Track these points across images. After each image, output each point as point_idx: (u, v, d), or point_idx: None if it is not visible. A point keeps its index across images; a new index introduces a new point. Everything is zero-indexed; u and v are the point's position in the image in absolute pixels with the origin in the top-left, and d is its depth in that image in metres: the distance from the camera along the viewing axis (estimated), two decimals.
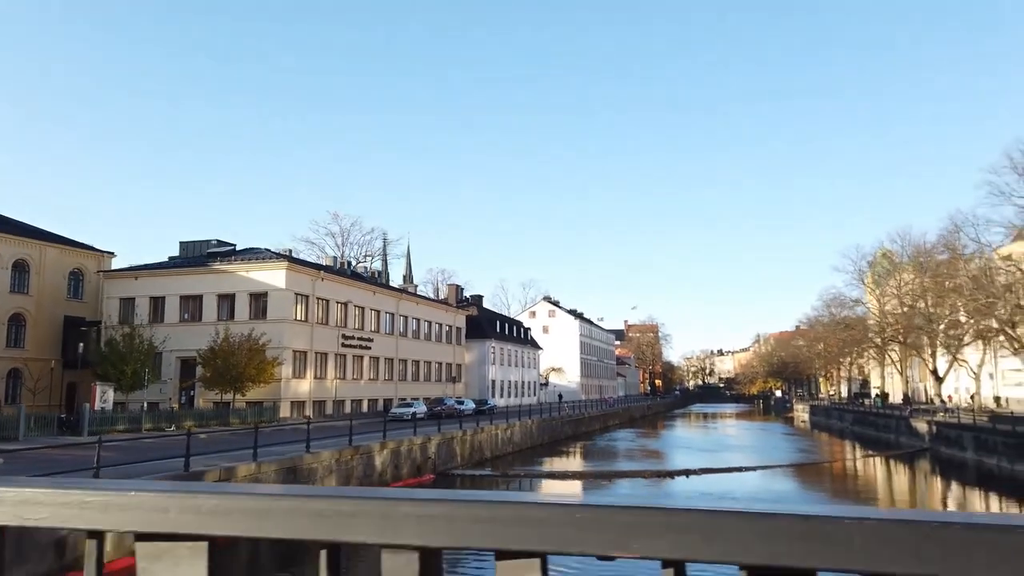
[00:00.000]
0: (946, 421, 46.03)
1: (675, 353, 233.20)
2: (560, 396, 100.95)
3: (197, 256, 51.20)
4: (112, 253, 54.62)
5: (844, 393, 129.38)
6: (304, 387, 47.81)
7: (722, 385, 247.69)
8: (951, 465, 40.98)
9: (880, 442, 56.30)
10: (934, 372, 59.11)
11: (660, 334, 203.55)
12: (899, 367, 68.36)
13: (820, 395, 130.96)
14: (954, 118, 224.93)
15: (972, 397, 54.74)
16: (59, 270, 49.29)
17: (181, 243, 53.64)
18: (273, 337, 43.90)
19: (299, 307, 47.83)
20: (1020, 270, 42.06)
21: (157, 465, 17.99)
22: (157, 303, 48.60)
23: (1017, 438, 34.15)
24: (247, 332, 42.63)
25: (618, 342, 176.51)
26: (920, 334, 60.44)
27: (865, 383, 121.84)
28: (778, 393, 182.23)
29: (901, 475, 39.09)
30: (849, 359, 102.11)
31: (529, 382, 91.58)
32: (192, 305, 48.21)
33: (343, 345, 52.01)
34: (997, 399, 55.80)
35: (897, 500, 31.63)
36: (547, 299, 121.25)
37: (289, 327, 46.29)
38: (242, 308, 46.90)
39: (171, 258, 53.98)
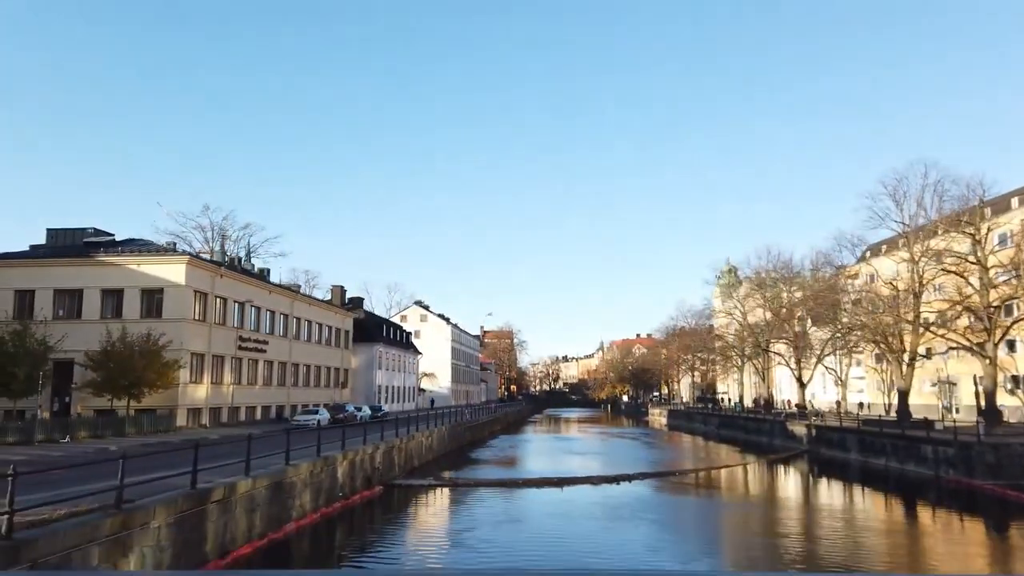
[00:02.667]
0: (827, 425, 50.42)
1: (527, 359, 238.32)
2: (432, 402, 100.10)
3: (72, 246, 45.46)
4: None
5: (686, 397, 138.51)
6: (201, 393, 43.85)
7: (567, 390, 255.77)
8: (834, 465, 44.77)
9: (753, 444, 60.39)
10: (799, 379, 64.65)
11: (516, 340, 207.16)
12: (763, 375, 74.07)
13: (674, 400, 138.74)
14: (813, 145, 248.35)
15: (838, 403, 60.47)
16: None
17: (49, 230, 47.39)
18: (172, 338, 39.97)
19: (198, 306, 43.87)
20: (894, 288, 46.98)
21: (163, 484, 15.70)
22: (24, 297, 42.57)
23: (907, 440, 38.10)
24: (144, 332, 38.54)
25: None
26: (788, 344, 65.93)
27: (708, 388, 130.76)
28: (624, 398, 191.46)
29: (805, 478, 41.82)
30: (706, 366, 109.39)
31: (409, 388, 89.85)
32: (69, 300, 42.70)
33: (240, 348, 48.32)
34: (861, 404, 61.86)
35: (822, 504, 34.09)
36: (418, 303, 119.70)
37: (188, 327, 42.29)
38: (132, 305, 42.16)
39: (33, 247, 47.65)
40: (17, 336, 32.29)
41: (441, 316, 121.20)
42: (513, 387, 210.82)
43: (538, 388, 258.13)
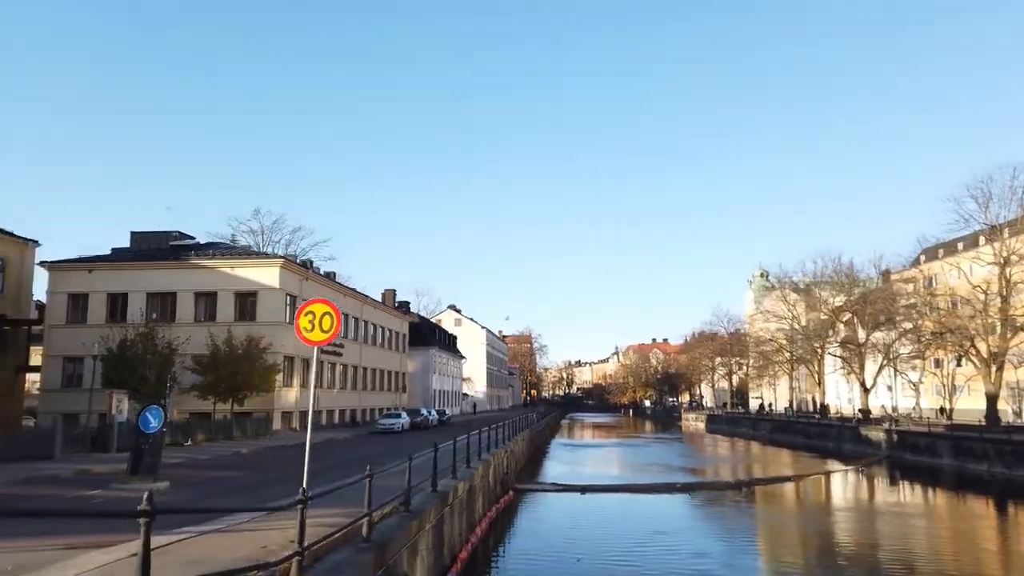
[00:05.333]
0: (911, 430, 50.10)
1: (543, 363, 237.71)
2: (475, 406, 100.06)
3: (161, 249, 45.47)
4: (36, 242, 46.83)
5: (712, 402, 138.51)
6: (292, 397, 43.78)
7: (581, 395, 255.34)
8: (922, 471, 44.01)
9: (818, 450, 59.70)
10: (862, 383, 64.42)
11: (536, 344, 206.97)
12: (818, 379, 73.80)
13: (707, 405, 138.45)
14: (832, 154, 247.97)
15: (914, 408, 60.12)
16: None
17: (133, 233, 47.36)
18: (271, 341, 39.93)
19: (289, 309, 43.80)
20: (984, 291, 46.79)
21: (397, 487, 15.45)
22: (116, 300, 42.59)
23: (1014, 445, 37.86)
24: (242, 335, 38.49)
25: None
26: (851, 348, 65.68)
27: (737, 393, 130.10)
28: (647, 403, 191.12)
29: (916, 486, 40.19)
30: (745, 371, 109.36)
31: (456, 392, 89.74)
32: (162, 303, 42.66)
33: (322, 352, 48.03)
34: (942, 410, 61.59)
35: (967, 512, 33.72)
36: (452, 308, 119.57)
37: (282, 330, 42.16)
38: (225, 308, 42.14)
39: (115, 250, 47.63)
40: (145, 339, 32.26)
41: (473, 320, 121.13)
42: (533, 392, 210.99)
43: (552, 393, 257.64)
